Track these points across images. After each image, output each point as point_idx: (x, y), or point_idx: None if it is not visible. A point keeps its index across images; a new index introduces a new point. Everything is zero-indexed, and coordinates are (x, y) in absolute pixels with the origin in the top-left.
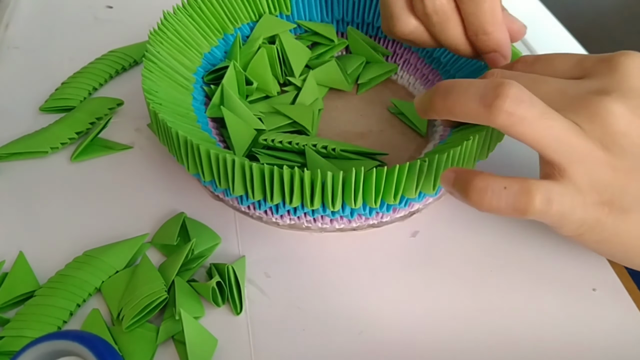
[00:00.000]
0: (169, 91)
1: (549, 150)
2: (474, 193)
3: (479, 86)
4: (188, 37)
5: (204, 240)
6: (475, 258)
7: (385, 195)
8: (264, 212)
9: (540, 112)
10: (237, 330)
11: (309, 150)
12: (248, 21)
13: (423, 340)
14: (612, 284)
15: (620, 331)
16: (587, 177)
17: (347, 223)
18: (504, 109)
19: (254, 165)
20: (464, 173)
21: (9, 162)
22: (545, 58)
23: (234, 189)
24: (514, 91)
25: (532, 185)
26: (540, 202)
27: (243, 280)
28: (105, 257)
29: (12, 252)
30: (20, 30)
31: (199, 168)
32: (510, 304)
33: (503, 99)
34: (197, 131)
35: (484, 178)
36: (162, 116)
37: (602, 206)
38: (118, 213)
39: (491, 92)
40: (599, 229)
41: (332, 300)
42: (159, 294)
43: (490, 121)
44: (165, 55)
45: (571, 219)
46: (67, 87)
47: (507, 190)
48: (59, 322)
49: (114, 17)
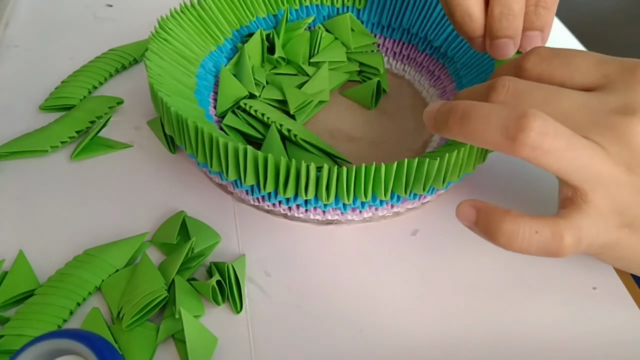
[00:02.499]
0: (170, 63)
1: (573, 178)
2: (503, 238)
3: (500, 115)
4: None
5: (203, 239)
6: (476, 256)
7: (395, 188)
8: (262, 199)
9: (566, 143)
10: (237, 329)
11: (273, 127)
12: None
13: (423, 338)
14: (613, 282)
15: (620, 330)
16: (610, 200)
17: (354, 213)
18: (529, 144)
19: (248, 149)
20: (488, 213)
21: (8, 161)
22: (563, 55)
23: (228, 174)
24: (538, 123)
25: (564, 230)
26: (572, 244)
27: (243, 279)
28: (105, 256)
29: (12, 251)
30: (20, 28)
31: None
32: (510, 302)
33: (527, 133)
34: (196, 111)
35: (512, 221)
36: (157, 88)
37: (622, 228)
38: (118, 212)
39: (514, 125)
40: (619, 248)
41: (333, 299)
42: (159, 292)
43: (513, 154)
44: (176, 36)
45: (594, 245)
46: (67, 86)
47: (539, 235)
48: (59, 321)
49: (113, 16)
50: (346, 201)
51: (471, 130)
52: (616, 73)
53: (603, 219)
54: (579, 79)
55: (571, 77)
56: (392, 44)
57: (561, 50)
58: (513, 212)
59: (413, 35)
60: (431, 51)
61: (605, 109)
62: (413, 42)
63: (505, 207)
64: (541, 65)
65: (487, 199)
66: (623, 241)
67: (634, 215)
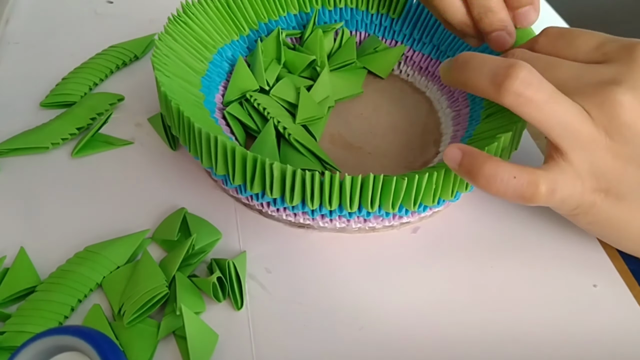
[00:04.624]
0: (177, 63)
1: (553, 133)
2: (483, 179)
3: (492, 64)
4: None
5: (204, 235)
6: (476, 254)
7: (404, 202)
8: (266, 205)
9: (548, 95)
10: (238, 326)
11: (270, 123)
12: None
13: (424, 335)
14: (613, 280)
15: (620, 327)
16: (587, 162)
17: (346, 223)
18: (512, 90)
19: (264, 161)
20: (473, 156)
21: (9, 158)
22: (569, 34)
23: (234, 179)
24: (524, 73)
25: (540, 177)
26: (545, 193)
27: (244, 276)
28: (106, 253)
29: (13, 248)
30: (21, 25)
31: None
32: (510, 299)
33: (512, 80)
34: (201, 111)
35: (493, 165)
36: (158, 67)
37: (598, 192)
38: (119, 208)
39: (502, 72)
40: (593, 212)
41: (333, 296)
42: (160, 289)
43: (498, 100)
44: (184, 32)
45: (568, 202)
46: (67, 83)
47: (516, 180)
48: (60, 318)
49: (114, 12)
50: (349, 209)
51: (466, 77)
52: (614, 51)
53: (580, 179)
54: (581, 57)
55: (575, 55)
56: (420, 58)
57: (568, 30)
58: (495, 158)
59: (442, 52)
60: None
61: (596, 78)
62: (441, 59)
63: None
64: (549, 46)
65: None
66: (597, 205)
67: (610, 180)
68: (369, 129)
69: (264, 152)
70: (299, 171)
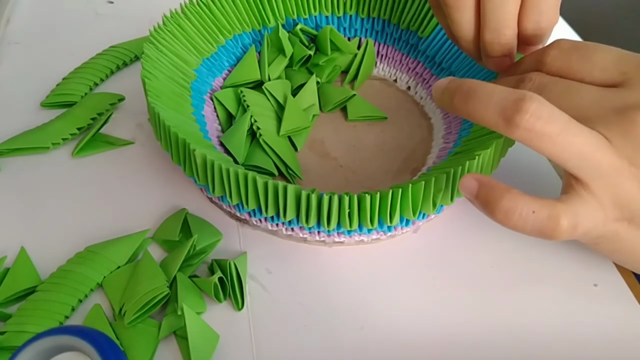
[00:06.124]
0: (167, 76)
1: (569, 164)
2: (500, 213)
3: (500, 96)
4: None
5: (205, 236)
6: (476, 254)
7: (403, 211)
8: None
9: (561, 127)
10: (239, 326)
11: (246, 118)
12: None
13: (424, 335)
14: (614, 279)
15: (621, 326)
16: (610, 192)
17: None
18: (522, 126)
19: (249, 175)
20: (490, 187)
21: (10, 158)
22: (583, 48)
23: (231, 198)
24: (535, 106)
25: (561, 212)
26: (567, 228)
27: (244, 276)
28: (107, 253)
29: (13, 248)
30: (21, 25)
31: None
32: (511, 299)
33: (522, 115)
34: (191, 125)
35: (512, 198)
36: (155, 105)
37: (621, 221)
38: (119, 208)
39: (511, 106)
40: (616, 241)
41: (334, 296)
42: (161, 289)
43: (508, 134)
44: (169, 40)
45: (591, 234)
46: (68, 83)
47: (535, 215)
48: (61, 318)
49: (115, 12)
50: (348, 228)
51: (473, 109)
52: (634, 70)
53: (602, 209)
54: (597, 75)
55: (590, 73)
56: (422, 71)
57: (582, 44)
58: (514, 190)
59: (436, 64)
60: None
61: (617, 104)
62: (434, 73)
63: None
64: (561, 59)
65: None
66: (621, 234)
67: (635, 210)
68: (353, 142)
69: (232, 142)
70: (292, 188)
